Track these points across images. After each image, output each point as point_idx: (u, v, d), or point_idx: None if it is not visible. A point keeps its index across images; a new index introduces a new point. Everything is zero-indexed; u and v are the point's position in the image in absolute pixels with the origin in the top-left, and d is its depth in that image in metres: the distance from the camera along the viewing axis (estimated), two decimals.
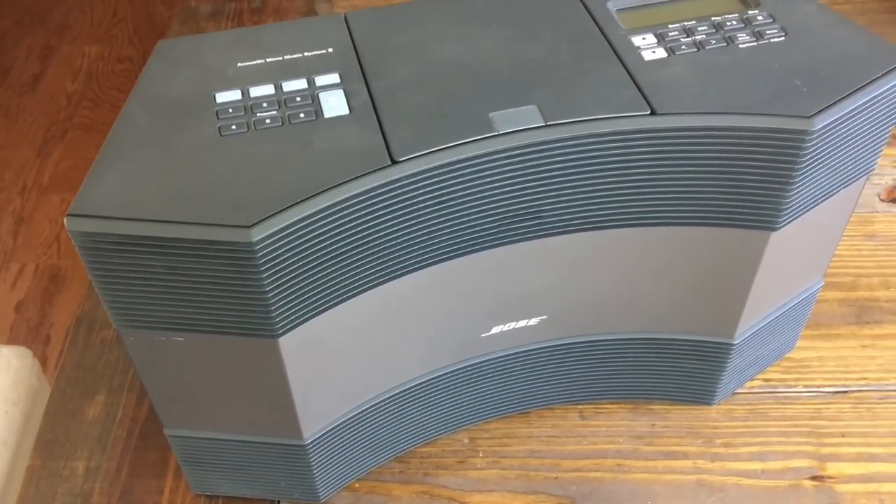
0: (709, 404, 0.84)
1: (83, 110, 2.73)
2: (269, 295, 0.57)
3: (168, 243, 0.55)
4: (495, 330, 0.74)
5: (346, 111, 0.61)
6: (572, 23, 0.68)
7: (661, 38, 0.66)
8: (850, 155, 0.65)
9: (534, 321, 0.74)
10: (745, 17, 0.67)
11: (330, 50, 0.67)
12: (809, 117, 0.59)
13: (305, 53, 0.66)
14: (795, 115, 0.59)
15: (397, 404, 0.76)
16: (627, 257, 0.69)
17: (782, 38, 0.66)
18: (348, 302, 0.62)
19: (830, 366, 0.89)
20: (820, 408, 0.86)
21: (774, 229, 0.65)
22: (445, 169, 0.58)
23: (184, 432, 0.72)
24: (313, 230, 0.56)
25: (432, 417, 0.81)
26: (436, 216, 0.60)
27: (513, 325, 0.74)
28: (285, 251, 0.56)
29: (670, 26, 0.67)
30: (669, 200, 0.64)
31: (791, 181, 0.62)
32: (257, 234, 0.54)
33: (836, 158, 0.64)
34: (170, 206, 0.56)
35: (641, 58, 0.65)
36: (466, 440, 0.85)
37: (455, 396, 0.79)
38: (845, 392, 0.87)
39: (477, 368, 0.77)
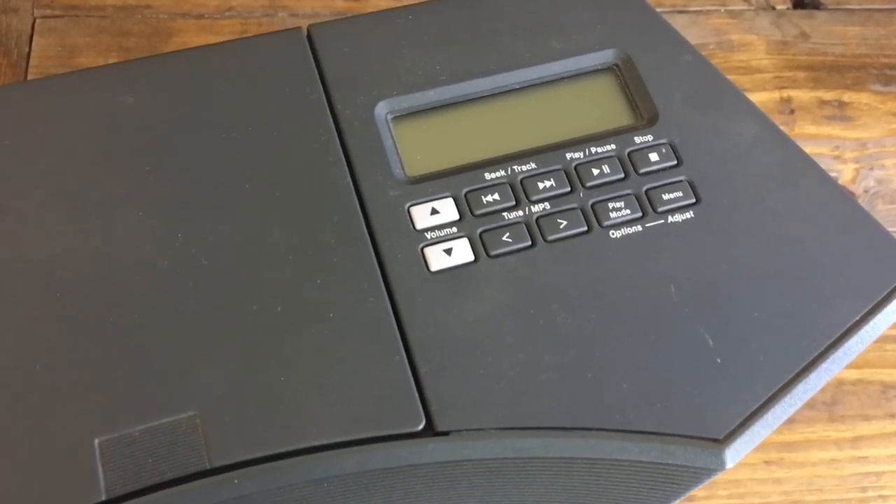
0: None
1: None
2: None
3: None
4: None
5: None
6: (309, 158, 0.35)
7: (465, 209, 0.35)
8: None
9: None
10: (629, 151, 0.36)
11: None
12: (721, 440, 0.31)
13: None
14: (696, 434, 0.31)
15: None
16: None
17: (689, 215, 0.35)
18: None
19: None
20: None
21: None
22: None
23: None
24: None
25: None
26: None
27: None
28: None
29: (488, 175, 0.35)
30: None
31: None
32: None
33: None
34: None
35: (423, 265, 0.34)
36: None
37: None
38: None
39: None
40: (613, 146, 0.36)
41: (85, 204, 0.33)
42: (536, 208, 0.34)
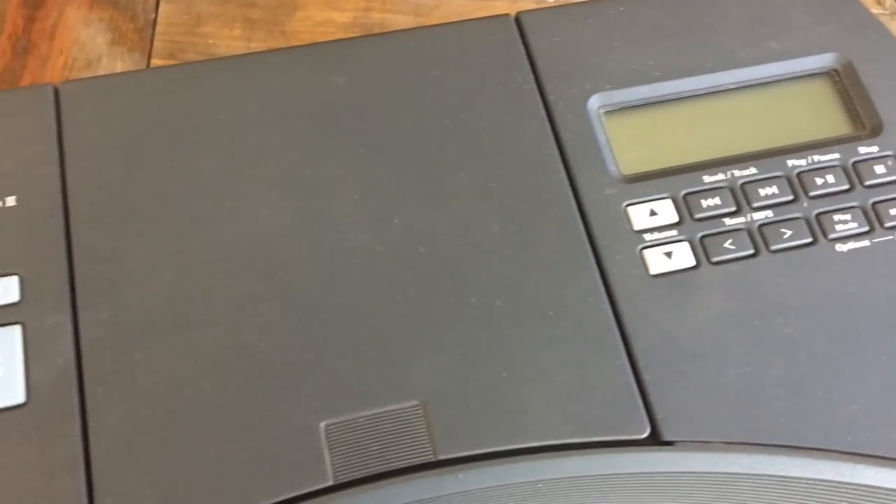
0: None
1: None
2: None
3: None
4: None
5: (19, 398, 0.30)
6: (522, 149, 0.34)
7: (684, 212, 0.34)
8: None
9: None
10: (854, 161, 0.34)
11: (10, 202, 0.33)
12: None
13: None
14: None
15: None
16: None
17: None
18: None
19: None
20: None
21: None
22: None
23: None
24: None
25: None
26: None
27: None
28: None
29: (707, 178, 0.34)
30: None
31: None
32: None
33: None
34: None
35: (643, 268, 0.33)
36: None
37: None
38: None
39: None
40: (837, 155, 0.34)
41: (302, 183, 0.33)
42: (758, 216, 0.33)
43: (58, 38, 0.61)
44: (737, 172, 0.34)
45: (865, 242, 0.33)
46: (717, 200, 0.33)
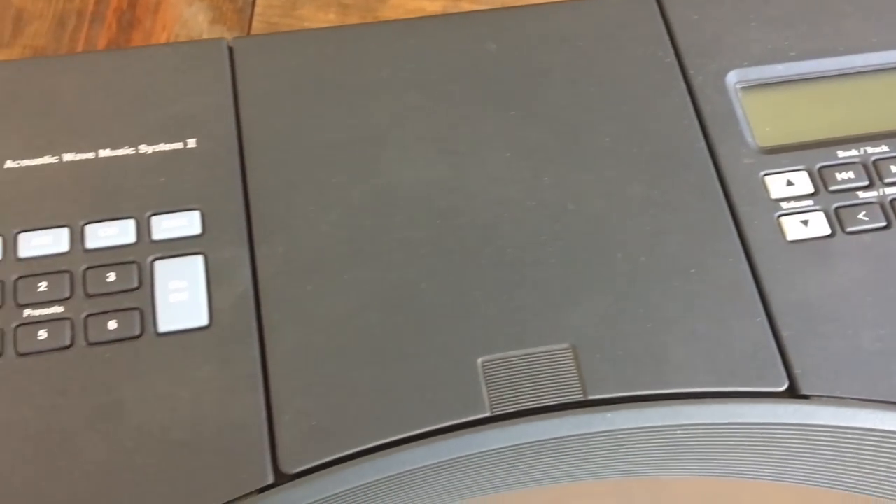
0: None
1: None
2: None
3: None
4: None
5: (203, 320, 0.32)
6: (664, 118, 0.36)
7: (819, 183, 0.35)
8: None
9: None
10: None
11: (191, 143, 0.35)
12: None
13: (144, 147, 0.35)
14: None
15: None
16: None
17: None
18: None
19: None
20: None
21: None
22: (384, 486, 0.31)
23: None
24: None
25: None
26: None
27: None
28: None
29: (841, 153, 0.36)
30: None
31: None
32: None
33: None
34: None
35: (780, 234, 0.34)
36: None
37: None
38: None
39: None
40: None
41: (457, 140, 0.35)
42: (890, 191, 0.35)
43: (161, 14, 0.64)
44: (869, 149, 0.36)
45: None
46: (850, 174, 0.35)
